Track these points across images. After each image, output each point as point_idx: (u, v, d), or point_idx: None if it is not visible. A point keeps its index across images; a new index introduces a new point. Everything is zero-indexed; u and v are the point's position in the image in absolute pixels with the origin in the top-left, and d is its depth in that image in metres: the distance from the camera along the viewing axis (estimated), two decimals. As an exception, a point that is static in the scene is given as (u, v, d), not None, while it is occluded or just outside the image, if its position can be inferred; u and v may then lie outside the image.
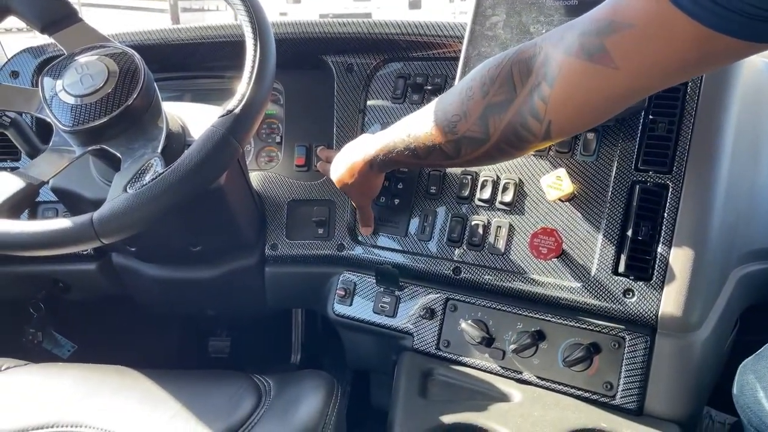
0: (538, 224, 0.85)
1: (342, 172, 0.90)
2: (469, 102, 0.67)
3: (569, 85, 0.59)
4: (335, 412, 0.78)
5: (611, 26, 0.54)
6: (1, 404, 0.79)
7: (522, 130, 0.64)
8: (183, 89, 1.18)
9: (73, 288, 1.15)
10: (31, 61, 1.11)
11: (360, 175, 0.87)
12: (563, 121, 0.62)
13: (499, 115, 0.65)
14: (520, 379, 0.84)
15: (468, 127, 0.68)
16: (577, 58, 0.57)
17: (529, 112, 0.62)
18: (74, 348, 1.28)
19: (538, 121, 0.62)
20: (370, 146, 0.83)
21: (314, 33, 1.04)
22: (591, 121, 0.65)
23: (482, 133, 0.67)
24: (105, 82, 0.73)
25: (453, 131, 0.69)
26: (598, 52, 0.55)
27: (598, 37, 0.55)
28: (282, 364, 1.46)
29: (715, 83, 0.78)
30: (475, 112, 0.66)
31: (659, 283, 0.76)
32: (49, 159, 0.76)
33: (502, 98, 0.64)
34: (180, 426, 0.74)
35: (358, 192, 0.94)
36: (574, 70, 0.58)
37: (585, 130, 0.83)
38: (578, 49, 0.57)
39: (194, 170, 0.67)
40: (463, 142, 0.69)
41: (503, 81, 0.64)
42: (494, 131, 0.66)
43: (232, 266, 1.04)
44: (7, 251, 0.68)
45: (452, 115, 0.69)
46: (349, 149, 0.91)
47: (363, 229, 1.00)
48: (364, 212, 0.97)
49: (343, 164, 0.89)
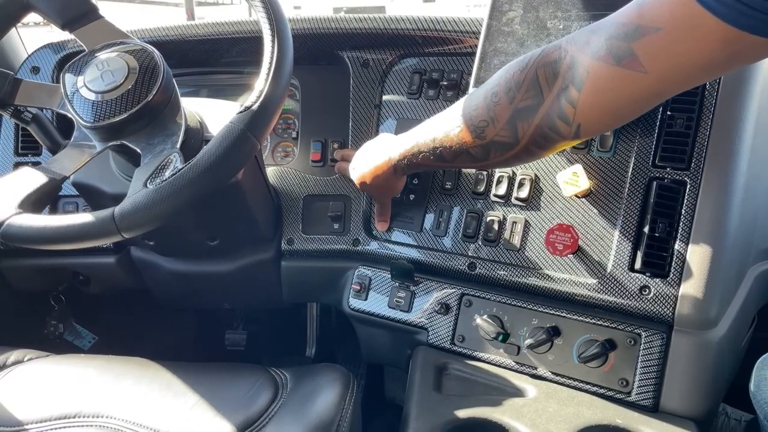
0: (554, 220, 0.85)
1: (364, 174, 0.90)
2: (496, 107, 0.67)
3: (598, 89, 0.59)
4: (351, 406, 0.79)
5: (638, 30, 0.54)
6: (24, 395, 0.81)
7: (551, 132, 0.64)
8: (199, 84, 1.19)
9: (92, 281, 1.17)
10: (51, 57, 1.12)
11: (383, 178, 0.87)
12: (592, 124, 0.62)
13: (528, 120, 0.64)
14: (534, 374, 0.84)
15: (496, 132, 0.67)
16: (605, 62, 0.57)
17: (557, 115, 0.62)
18: (95, 339, 1.30)
19: (567, 124, 0.62)
20: (393, 149, 0.83)
21: (330, 29, 1.04)
22: (619, 121, 0.66)
23: (511, 137, 0.67)
24: (125, 78, 0.74)
25: (481, 136, 0.69)
26: (626, 57, 0.55)
27: (626, 42, 0.55)
28: (297, 357, 1.47)
29: (734, 79, 0.78)
30: (503, 117, 0.66)
31: (676, 280, 0.76)
32: (71, 154, 0.77)
33: (529, 103, 0.64)
34: (199, 417, 0.75)
35: (379, 192, 0.94)
36: (603, 75, 0.58)
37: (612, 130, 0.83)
38: (606, 54, 0.57)
39: (213, 166, 0.68)
40: (491, 146, 0.69)
41: (529, 85, 0.63)
42: (523, 135, 0.66)
43: (248, 260, 1.05)
44: (31, 245, 0.69)
45: (479, 121, 0.69)
46: (369, 150, 0.91)
47: (379, 225, 1.00)
48: (384, 209, 0.98)
49: (365, 166, 0.89)
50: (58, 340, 1.26)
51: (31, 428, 0.75)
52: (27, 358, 0.90)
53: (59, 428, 0.75)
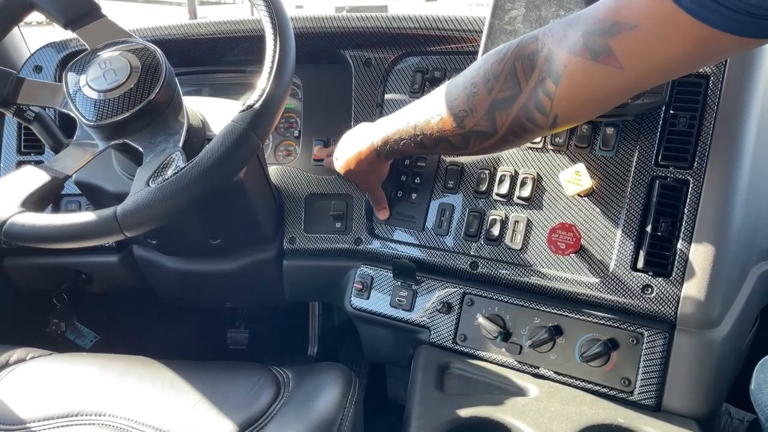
0: (557, 219, 0.85)
1: (348, 160, 0.91)
2: (475, 98, 0.68)
3: (574, 82, 0.60)
4: (353, 405, 0.79)
5: (615, 26, 0.55)
6: (26, 393, 0.81)
7: (528, 123, 0.65)
8: (201, 83, 1.19)
9: (94, 280, 1.17)
10: (54, 56, 1.12)
11: (367, 163, 0.88)
12: (569, 115, 0.64)
13: (506, 111, 0.66)
14: (536, 373, 0.84)
15: (475, 122, 0.69)
16: (581, 57, 0.58)
17: (534, 106, 0.63)
18: (97, 338, 1.31)
19: (544, 115, 0.63)
20: (375, 135, 0.84)
21: (332, 27, 1.04)
22: (595, 113, 0.67)
23: (490, 127, 0.68)
24: (127, 77, 0.74)
25: (461, 126, 0.70)
26: (603, 53, 0.56)
27: (603, 38, 0.56)
28: (299, 356, 1.48)
29: (737, 78, 0.77)
30: (482, 107, 0.67)
31: (679, 279, 0.76)
32: (73, 153, 0.77)
33: (507, 94, 0.65)
34: (201, 416, 0.75)
35: (365, 179, 0.95)
36: (579, 69, 0.59)
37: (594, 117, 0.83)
38: (583, 49, 0.58)
39: (215, 165, 0.68)
40: (471, 135, 0.70)
41: (507, 76, 0.65)
42: (501, 125, 0.67)
43: (250, 259, 1.05)
44: (34, 243, 0.69)
45: (459, 111, 0.70)
46: (351, 138, 0.92)
47: (379, 213, 1.00)
48: (375, 195, 0.99)
49: (348, 153, 0.90)
50: (60, 338, 1.26)
51: (33, 426, 0.76)
52: (29, 357, 0.90)
53: (62, 427, 0.76)
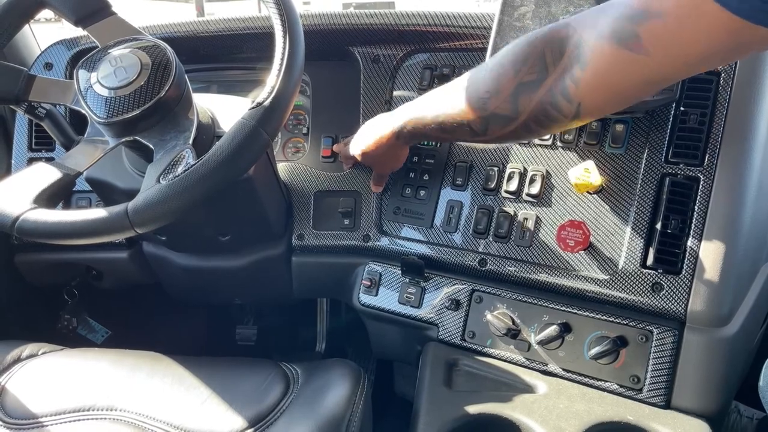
0: (566, 216, 0.85)
1: (367, 144, 0.91)
2: (501, 79, 0.67)
3: (601, 69, 0.59)
4: (362, 401, 0.79)
5: (645, 14, 0.55)
6: (38, 388, 0.82)
7: (552, 110, 0.65)
8: (210, 80, 1.19)
9: (105, 276, 1.18)
10: (64, 53, 1.13)
11: (387, 146, 0.88)
12: (592, 104, 0.63)
13: (530, 95, 0.65)
14: (545, 371, 0.84)
15: (498, 104, 0.68)
16: (609, 43, 0.58)
17: (560, 92, 0.63)
18: (108, 333, 1.32)
19: (568, 102, 0.63)
20: (397, 118, 0.84)
21: (341, 24, 1.04)
22: (619, 104, 0.66)
23: (512, 111, 0.67)
24: (138, 74, 0.74)
25: (483, 107, 0.70)
26: (631, 39, 0.56)
27: (632, 24, 0.56)
28: (307, 352, 1.48)
29: (748, 74, 0.77)
30: (507, 89, 0.67)
31: (688, 277, 0.76)
32: (84, 150, 0.78)
33: (533, 77, 0.65)
34: (211, 411, 0.76)
35: (381, 162, 0.96)
36: (606, 55, 0.58)
37: (613, 113, 0.82)
38: (610, 35, 0.57)
39: (225, 162, 0.68)
40: (491, 119, 0.70)
41: (535, 61, 0.64)
42: (524, 110, 0.66)
43: (259, 256, 1.05)
44: (46, 240, 0.70)
45: (483, 92, 0.69)
46: (371, 124, 0.92)
47: (374, 187, 1.02)
48: (382, 178, 1.01)
49: (369, 135, 0.91)
50: (72, 334, 1.27)
51: (45, 421, 0.76)
52: (41, 352, 0.91)
53: (73, 421, 0.76)
